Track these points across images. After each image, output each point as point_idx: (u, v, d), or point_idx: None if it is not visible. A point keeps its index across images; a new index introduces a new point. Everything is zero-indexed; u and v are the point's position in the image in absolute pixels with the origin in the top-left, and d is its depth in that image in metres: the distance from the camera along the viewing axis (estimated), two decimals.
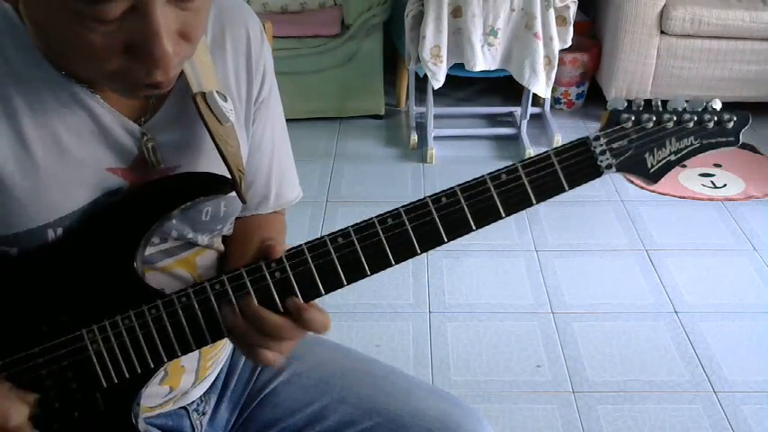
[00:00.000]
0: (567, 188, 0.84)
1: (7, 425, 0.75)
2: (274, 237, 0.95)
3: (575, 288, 2.41)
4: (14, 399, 0.78)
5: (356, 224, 0.82)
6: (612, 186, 2.96)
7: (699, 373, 2.07)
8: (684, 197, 2.89)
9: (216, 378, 1.07)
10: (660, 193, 2.91)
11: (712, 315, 2.29)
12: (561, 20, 2.93)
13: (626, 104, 0.85)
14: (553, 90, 3.25)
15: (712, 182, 2.99)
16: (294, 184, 1.09)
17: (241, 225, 1.03)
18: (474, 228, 0.83)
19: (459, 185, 0.83)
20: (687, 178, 3.00)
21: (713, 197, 2.89)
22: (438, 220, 0.82)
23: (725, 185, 2.97)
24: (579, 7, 3.18)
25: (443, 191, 0.83)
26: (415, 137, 3.28)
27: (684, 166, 3.05)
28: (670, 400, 1.99)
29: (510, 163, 0.84)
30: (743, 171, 3.06)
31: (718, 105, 0.87)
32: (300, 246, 0.82)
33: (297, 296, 0.82)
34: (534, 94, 3.10)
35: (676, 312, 2.30)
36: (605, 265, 2.53)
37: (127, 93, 0.78)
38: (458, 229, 0.83)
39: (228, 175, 0.86)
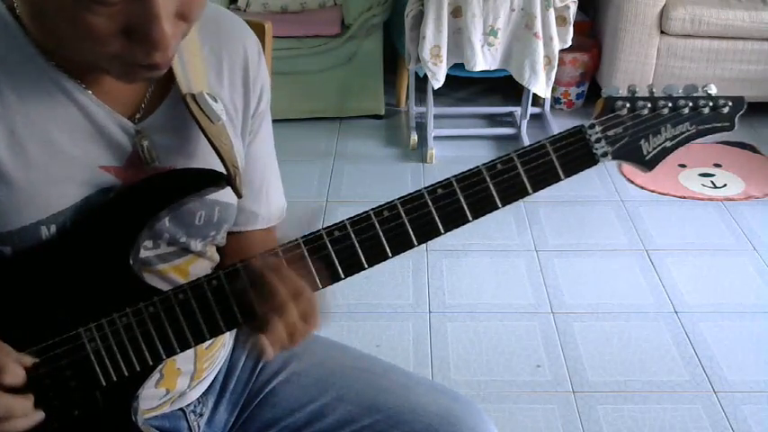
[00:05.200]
0: (562, 177, 0.84)
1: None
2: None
3: (575, 288, 2.41)
4: (13, 357, 0.77)
5: (352, 217, 0.82)
6: (612, 186, 2.96)
7: (699, 373, 2.07)
8: (684, 197, 2.89)
9: (214, 379, 1.06)
10: (660, 193, 2.91)
11: (712, 315, 2.29)
12: (561, 20, 2.93)
13: (621, 92, 0.85)
14: (553, 90, 3.25)
15: (712, 182, 2.99)
16: (281, 202, 1.09)
17: (236, 242, 1.03)
18: (470, 218, 0.83)
19: (454, 176, 0.83)
20: (687, 178, 3.00)
21: (713, 197, 2.89)
22: (434, 212, 0.82)
23: (725, 185, 2.97)
24: (579, 7, 3.18)
25: (439, 182, 0.83)
26: (415, 137, 3.27)
27: (684, 166, 3.05)
28: (670, 400, 1.99)
29: None
30: (743, 171, 3.06)
31: (713, 90, 0.87)
32: (297, 240, 0.82)
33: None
34: (534, 94, 3.10)
35: (676, 312, 2.30)
36: (605, 265, 2.52)
37: (124, 75, 0.78)
38: (454, 220, 0.83)
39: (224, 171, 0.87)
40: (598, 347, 2.16)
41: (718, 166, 3.09)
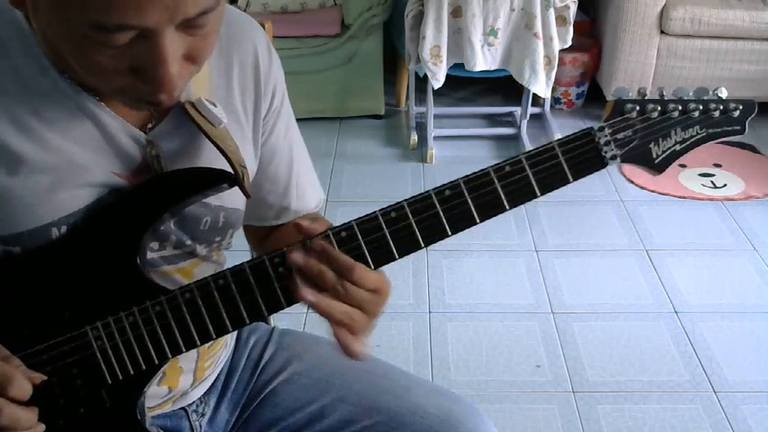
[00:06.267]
0: (571, 179, 0.83)
1: (5, 392, 0.74)
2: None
3: (575, 288, 2.41)
4: (22, 371, 0.77)
5: (359, 218, 0.82)
6: (612, 186, 2.96)
7: (699, 373, 2.07)
8: (684, 197, 2.89)
9: (216, 379, 1.06)
10: (660, 193, 2.91)
11: (712, 315, 2.29)
12: (561, 20, 2.93)
13: (630, 94, 0.85)
14: (553, 90, 3.25)
15: (712, 182, 2.99)
16: (316, 195, 1.09)
17: (273, 236, 1.05)
18: (478, 221, 0.82)
19: (462, 178, 0.82)
20: (687, 178, 3.00)
21: (713, 197, 2.89)
22: (442, 214, 0.81)
23: (725, 185, 2.97)
24: (579, 7, 3.18)
25: (446, 183, 0.82)
26: (415, 137, 3.28)
27: (684, 166, 3.05)
28: (670, 400, 1.99)
29: None
30: (743, 171, 3.06)
31: (723, 94, 0.86)
32: (304, 241, 0.82)
33: (299, 291, 0.81)
34: (534, 94, 3.10)
35: (676, 312, 2.30)
36: (605, 265, 2.52)
37: (130, 105, 0.80)
38: (462, 222, 0.82)
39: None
40: (598, 347, 2.16)
41: (718, 166, 3.09)
